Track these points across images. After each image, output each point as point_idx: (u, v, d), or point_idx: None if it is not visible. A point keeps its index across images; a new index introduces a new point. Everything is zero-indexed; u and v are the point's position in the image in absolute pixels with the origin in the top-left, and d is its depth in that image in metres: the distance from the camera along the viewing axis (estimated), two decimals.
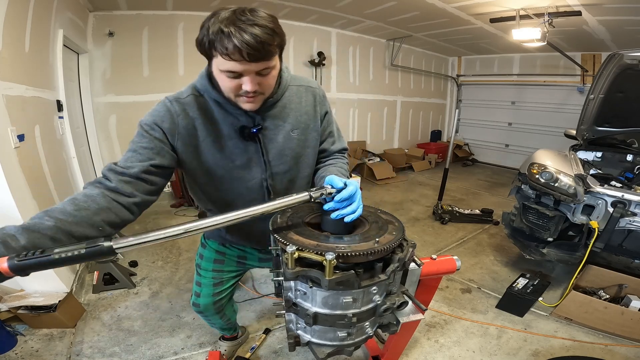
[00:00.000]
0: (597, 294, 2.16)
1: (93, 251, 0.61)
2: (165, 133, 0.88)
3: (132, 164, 0.82)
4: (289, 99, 0.99)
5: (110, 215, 0.76)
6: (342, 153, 1.16)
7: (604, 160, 2.89)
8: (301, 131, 1.01)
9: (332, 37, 5.39)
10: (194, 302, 1.32)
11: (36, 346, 1.76)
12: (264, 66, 0.78)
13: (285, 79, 0.96)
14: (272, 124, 0.96)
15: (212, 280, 1.27)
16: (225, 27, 0.71)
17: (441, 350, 1.84)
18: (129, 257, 2.72)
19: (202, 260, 1.27)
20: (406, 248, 0.83)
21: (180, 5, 3.91)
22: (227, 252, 1.26)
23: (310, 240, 0.77)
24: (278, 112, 0.97)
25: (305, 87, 1.03)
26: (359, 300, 0.76)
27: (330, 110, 1.11)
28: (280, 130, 0.98)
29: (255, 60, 0.75)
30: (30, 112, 2.12)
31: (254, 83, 0.80)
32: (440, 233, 3.49)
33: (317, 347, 0.83)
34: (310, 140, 1.04)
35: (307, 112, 1.02)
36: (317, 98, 1.05)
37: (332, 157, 1.13)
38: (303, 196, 0.81)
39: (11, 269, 0.56)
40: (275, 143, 0.98)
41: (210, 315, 1.38)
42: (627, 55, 2.45)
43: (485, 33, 4.92)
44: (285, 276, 0.75)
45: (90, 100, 3.78)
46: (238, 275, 1.33)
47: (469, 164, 7.18)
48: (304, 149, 1.03)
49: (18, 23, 2.04)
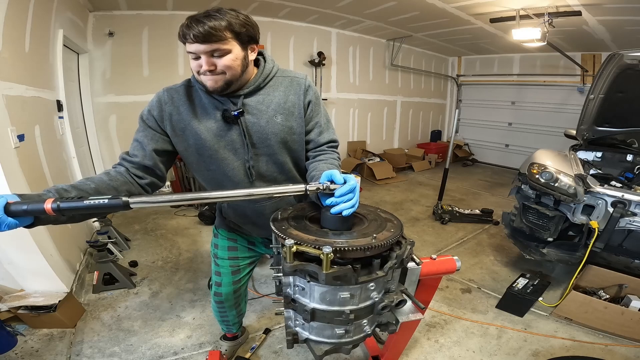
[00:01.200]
0: (597, 294, 2.16)
1: (113, 203, 0.73)
2: (156, 120, 1.03)
3: (136, 153, 1.01)
4: (273, 87, 1.06)
5: (131, 188, 0.97)
6: (331, 146, 1.16)
7: (604, 160, 2.88)
8: (285, 117, 1.06)
9: (332, 37, 5.39)
10: (216, 292, 1.40)
11: (36, 346, 1.76)
12: (213, 48, 0.89)
13: (268, 69, 1.06)
14: (254, 108, 1.03)
15: (230, 269, 1.35)
16: (186, 21, 0.90)
17: (441, 350, 1.83)
18: (129, 257, 2.72)
19: (218, 249, 1.36)
20: (404, 245, 0.83)
21: (180, 5, 3.91)
22: (238, 238, 1.34)
23: (309, 235, 0.78)
24: (261, 98, 1.04)
25: (291, 77, 1.10)
26: (356, 297, 0.76)
27: (317, 102, 1.12)
28: (263, 115, 1.04)
29: (202, 42, 0.88)
30: (30, 112, 2.12)
31: (208, 63, 0.91)
32: (440, 233, 3.48)
33: (315, 345, 0.83)
34: (295, 126, 1.08)
35: (291, 100, 1.07)
36: (302, 87, 1.09)
37: (322, 152, 1.13)
38: (298, 188, 0.84)
39: (53, 210, 0.69)
40: (258, 127, 1.04)
41: (229, 306, 1.45)
42: (627, 55, 2.45)
43: (485, 33, 4.92)
44: (284, 271, 0.75)
45: (90, 100, 3.78)
46: (252, 263, 1.42)
47: (469, 164, 7.18)
48: (289, 135, 1.07)
49: (18, 23, 2.04)
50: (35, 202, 0.69)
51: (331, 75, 5.57)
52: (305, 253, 0.73)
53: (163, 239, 3.13)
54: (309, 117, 1.11)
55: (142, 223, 3.48)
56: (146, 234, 3.23)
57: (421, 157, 6.62)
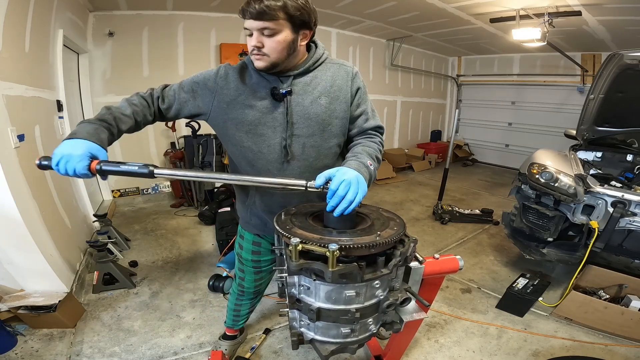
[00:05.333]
0: (597, 294, 2.16)
1: (142, 171, 0.84)
2: (208, 87, 1.09)
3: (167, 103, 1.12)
4: (322, 72, 1.09)
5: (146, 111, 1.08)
6: (376, 131, 1.17)
7: (604, 160, 2.89)
8: (330, 100, 1.07)
9: (332, 37, 5.39)
10: (240, 284, 1.49)
11: (36, 346, 1.76)
12: (264, 25, 0.91)
13: (319, 54, 1.09)
14: (301, 89, 1.06)
15: (253, 269, 1.41)
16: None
17: (441, 350, 1.83)
18: (129, 257, 2.71)
19: (242, 250, 1.39)
20: (407, 243, 0.83)
21: (180, 5, 3.91)
22: (262, 242, 1.35)
23: (314, 234, 0.78)
24: (309, 79, 1.07)
25: (339, 64, 1.12)
26: (362, 295, 0.76)
27: (365, 90, 1.15)
28: (309, 95, 1.06)
29: (254, 18, 0.90)
30: (30, 112, 2.12)
31: (256, 40, 0.94)
32: (440, 233, 3.49)
33: (321, 345, 0.83)
34: (338, 111, 1.09)
35: (338, 85, 1.09)
36: (349, 75, 1.11)
37: (365, 136, 1.15)
38: (299, 183, 0.86)
39: (97, 171, 0.83)
40: (302, 106, 1.05)
41: (248, 298, 1.56)
42: (627, 55, 2.45)
43: (485, 33, 4.93)
44: (289, 270, 0.75)
45: (90, 100, 3.78)
46: (274, 263, 1.42)
47: (469, 164, 7.19)
48: (331, 117, 1.08)
49: (18, 23, 2.03)
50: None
51: None
52: (310, 252, 0.73)
53: (163, 239, 3.12)
54: (356, 104, 1.13)
55: (142, 223, 3.48)
56: (146, 234, 3.22)
57: (421, 157, 6.62)
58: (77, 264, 2.38)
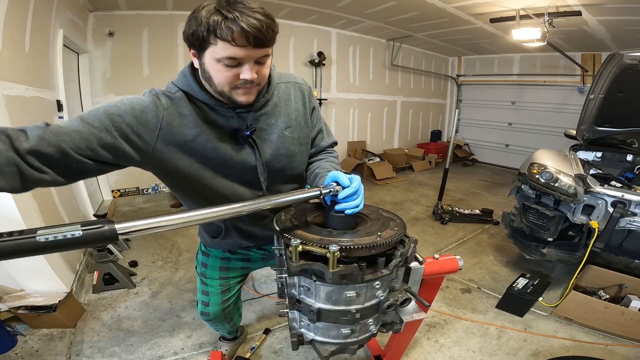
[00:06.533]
0: (597, 294, 2.16)
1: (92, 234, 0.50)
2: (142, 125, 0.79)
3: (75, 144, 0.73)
4: (279, 97, 0.96)
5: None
6: (331, 147, 1.15)
7: (604, 160, 2.89)
8: (294, 129, 0.98)
9: (332, 37, 5.39)
10: (203, 312, 1.30)
11: (36, 346, 1.76)
12: (264, 53, 0.75)
13: (273, 77, 0.92)
14: (265, 123, 0.93)
15: (220, 288, 1.25)
16: (228, 13, 0.68)
17: (441, 350, 1.83)
18: (129, 257, 2.71)
19: (207, 269, 1.24)
20: (408, 244, 0.83)
21: (180, 5, 3.91)
22: (232, 257, 1.22)
23: (314, 235, 0.77)
24: (270, 110, 0.93)
25: (292, 83, 1.00)
26: (362, 295, 0.76)
27: (317, 107, 1.09)
28: (274, 130, 0.94)
29: (258, 46, 0.72)
30: (30, 112, 2.12)
31: (253, 71, 0.75)
32: (440, 233, 3.49)
33: (321, 345, 0.83)
34: (302, 137, 1.02)
35: (297, 109, 0.99)
36: (305, 94, 1.02)
37: (324, 153, 1.13)
38: (314, 192, 0.81)
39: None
40: (270, 143, 0.94)
41: (219, 322, 1.37)
42: (627, 55, 2.45)
43: (485, 33, 4.93)
44: (290, 271, 0.75)
45: (90, 100, 3.78)
46: (242, 279, 1.33)
47: (469, 164, 7.19)
48: (297, 146, 1.00)
49: (18, 23, 2.03)
50: None
51: (331, 76, 5.57)
52: (310, 253, 0.73)
53: (163, 239, 3.12)
54: (313, 124, 1.06)
55: None
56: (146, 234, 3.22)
57: (421, 157, 6.62)
58: (77, 264, 2.38)
